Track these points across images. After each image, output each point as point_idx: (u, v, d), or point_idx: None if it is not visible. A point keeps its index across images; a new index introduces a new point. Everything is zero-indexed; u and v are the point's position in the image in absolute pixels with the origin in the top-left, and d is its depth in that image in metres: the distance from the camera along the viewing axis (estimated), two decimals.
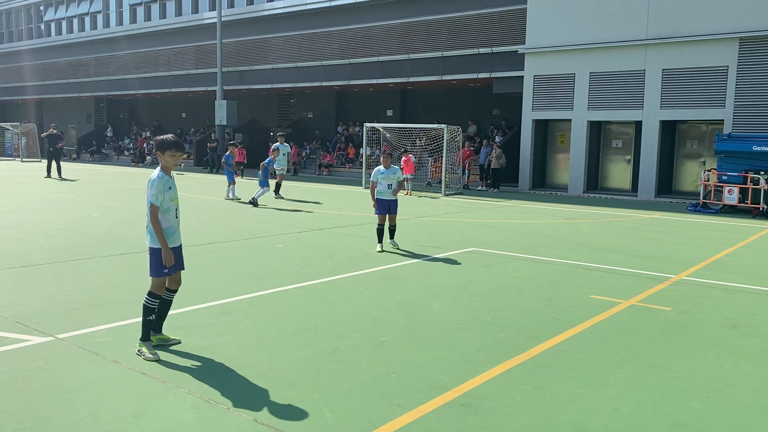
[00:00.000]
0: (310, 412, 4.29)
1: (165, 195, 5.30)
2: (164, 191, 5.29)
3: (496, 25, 25.12)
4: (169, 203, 5.33)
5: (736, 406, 4.54)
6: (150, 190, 5.25)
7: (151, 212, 5.24)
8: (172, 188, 5.37)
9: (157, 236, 5.25)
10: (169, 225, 5.34)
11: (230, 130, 33.23)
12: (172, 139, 5.37)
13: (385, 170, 10.48)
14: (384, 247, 10.40)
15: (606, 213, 17.10)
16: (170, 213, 5.35)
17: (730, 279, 8.81)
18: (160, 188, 5.25)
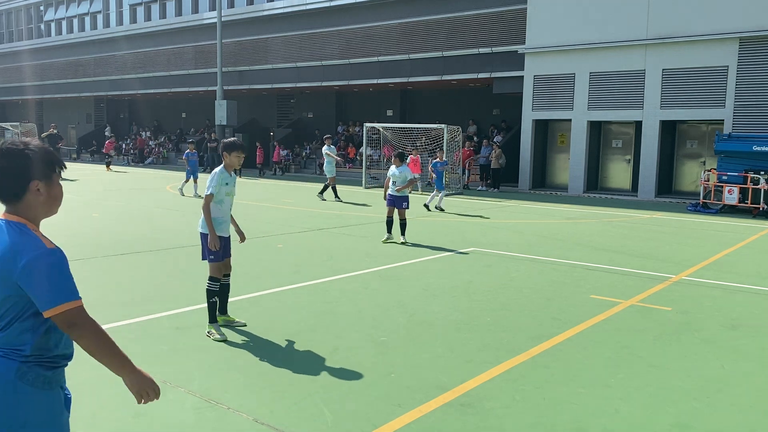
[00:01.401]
0: (310, 412, 4.28)
1: (221, 188, 5.98)
2: (221, 184, 5.98)
3: (496, 25, 25.11)
4: (224, 196, 6.02)
5: (736, 406, 4.54)
6: (209, 182, 5.95)
7: (205, 200, 5.93)
8: (229, 184, 6.06)
9: (207, 223, 5.89)
10: (218, 215, 5.97)
11: (230, 130, 33.23)
12: (239, 142, 6.17)
13: (395, 170, 11.41)
14: (391, 239, 11.28)
15: (606, 213, 17.11)
16: (223, 205, 6.02)
17: (730, 279, 8.81)
18: (219, 181, 5.95)
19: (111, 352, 2.31)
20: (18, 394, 2.22)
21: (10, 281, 2.21)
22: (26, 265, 2.18)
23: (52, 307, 2.19)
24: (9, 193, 2.28)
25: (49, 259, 2.22)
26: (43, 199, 2.33)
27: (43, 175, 2.30)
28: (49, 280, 2.19)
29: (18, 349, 2.25)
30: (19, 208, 2.30)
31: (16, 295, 2.23)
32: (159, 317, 6.39)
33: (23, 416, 2.23)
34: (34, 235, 2.27)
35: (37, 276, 2.18)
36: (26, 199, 2.29)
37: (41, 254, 2.21)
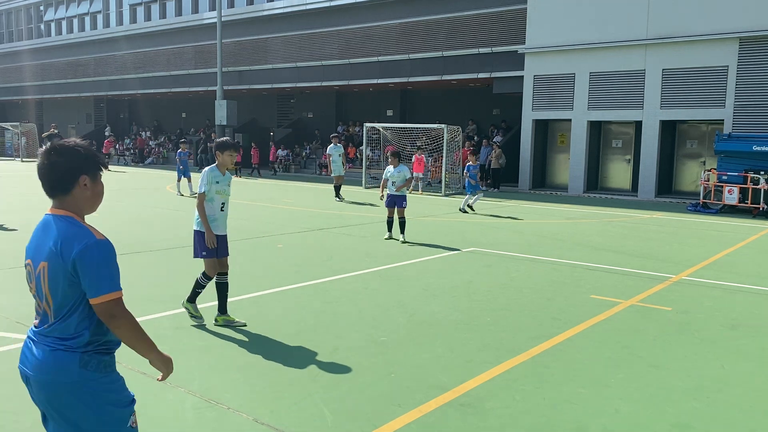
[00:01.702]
0: (310, 412, 4.29)
1: (212, 187, 6.07)
2: (212, 183, 6.07)
3: (496, 25, 25.11)
4: (214, 195, 6.10)
5: (736, 406, 4.54)
6: (200, 181, 6.07)
7: (198, 199, 6.04)
8: (220, 182, 6.12)
9: (202, 221, 6.00)
10: (211, 213, 6.07)
11: (230, 130, 33.24)
12: (231, 141, 6.28)
13: (392, 169, 11.53)
14: (392, 236, 11.51)
15: (606, 213, 17.11)
16: (214, 203, 6.10)
17: (730, 279, 8.81)
18: (208, 179, 6.06)
19: (142, 339, 2.52)
20: (87, 383, 2.41)
21: (66, 271, 2.36)
22: (79, 253, 2.34)
23: (97, 295, 2.37)
24: (59, 187, 2.44)
25: (98, 249, 2.38)
26: (89, 194, 2.50)
27: (90, 171, 2.48)
28: (97, 269, 2.36)
29: (77, 338, 2.42)
30: (66, 202, 2.46)
31: (73, 284, 2.38)
32: (159, 317, 6.39)
33: (96, 402, 2.43)
34: (84, 226, 2.44)
35: (87, 264, 2.35)
36: (74, 193, 2.45)
37: (92, 244, 2.37)
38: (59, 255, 2.37)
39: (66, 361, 2.39)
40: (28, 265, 2.52)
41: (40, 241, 2.47)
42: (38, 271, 2.44)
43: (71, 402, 2.39)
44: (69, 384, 2.38)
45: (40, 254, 2.44)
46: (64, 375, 2.39)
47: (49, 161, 2.43)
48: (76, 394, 2.39)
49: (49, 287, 2.41)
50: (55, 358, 2.40)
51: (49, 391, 2.41)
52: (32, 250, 2.50)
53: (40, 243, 2.46)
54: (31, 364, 2.46)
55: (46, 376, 2.41)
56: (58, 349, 2.41)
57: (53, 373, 2.40)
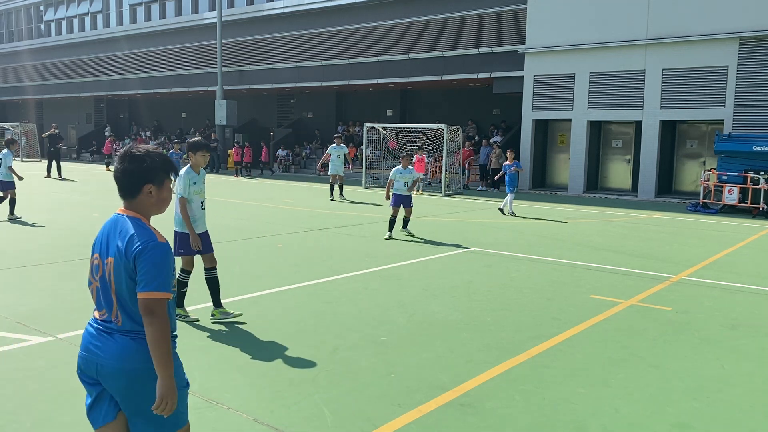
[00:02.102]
0: (310, 412, 4.29)
1: (190, 188, 6.17)
2: (189, 185, 6.16)
3: (496, 25, 25.12)
4: (192, 196, 6.20)
5: (736, 406, 4.54)
6: (177, 184, 6.05)
7: (179, 203, 6.11)
8: (197, 183, 6.23)
9: (186, 224, 6.14)
10: (191, 214, 6.19)
11: (230, 130, 33.24)
12: (204, 141, 6.37)
13: (403, 170, 11.86)
14: (393, 236, 11.62)
15: (606, 213, 17.11)
16: (194, 204, 6.21)
17: (730, 279, 8.81)
18: (186, 182, 6.14)
19: (165, 351, 2.54)
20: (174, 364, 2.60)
21: (128, 267, 2.58)
22: (139, 251, 2.55)
23: (144, 291, 2.53)
24: (128, 191, 2.68)
25: (156, 250, 2.57)
26: (154, 201, 2.71)
27: (157, 180, 2.69)
28: (151, 268, 2.54)
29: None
30: (133, 204, 2.69)
31: (134, 280, 2.58)
32: None
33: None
34: (149, 228, 2.65)
35: (144, 262, 2.54)
36: (139, 198, 2.68)
37: (152, 245, 2.57)
38: (123, 252, 2.57)
39: (142, 348, 2.58)
40: (95, 259, 2.71)
41: (108, 239, 2.66)
42: (106, 267, 2.64)
43: (144, 385, 2.57)
44: (147, 369, 2.56)
45: (108, 251, 2.64)
46: (144, 362, 2.56)
47: (122, 167, 2.66)
48: (150, 378, 2.56)
49: (114, 282, 2.61)
50: (136, 346, 2.59)
51: (127, 377, 2.58)
52: (100, 246, 2.69)
53: (109, 240, 2.66)
54: (105, 352, 2.60)
55: (125, 363, 2.58)
56: (137, 338, 2.60)
57: (134, 360, 2.58)
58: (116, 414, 2.66)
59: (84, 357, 2.69)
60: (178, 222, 6.27)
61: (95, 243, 2.74)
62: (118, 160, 2.70)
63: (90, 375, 2.67)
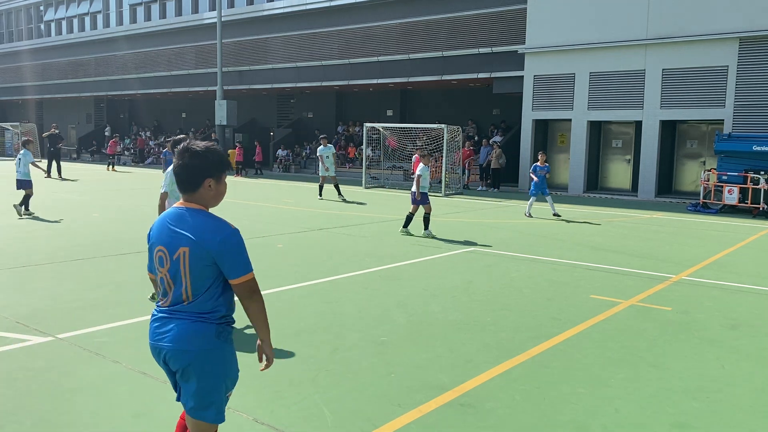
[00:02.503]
0: (310, 412, 4.29)
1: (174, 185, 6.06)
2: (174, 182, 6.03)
3: (496, 25, 25.12)
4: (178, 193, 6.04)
5: (736, 406, 4.54)
6: (164, 180, 6.39)
7: (160, 198, 6.38)
8: None
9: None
10: None
11: (230, 130, 33.24)
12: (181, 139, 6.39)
13: (426, 168, 12.16)
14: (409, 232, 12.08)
15: (606, 213, 17.10)
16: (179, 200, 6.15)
17: (730, 279, 8.81)
18: (172, 179, 6.06)
19: (265, 319, 2.89)
20: (218, 351, 2.82)
21: (208, 255, 2.74)
22: (221, 241, 2.73)
23: (240, 276, 2.77)
24: (189, 185, 2.84)
25: (236, 237, 2.77)
26: (213, 193, 2.88)
27: (216, 174, 2.85)
28: (236, 254, 2.75)
29: (214, 312, 2.82)
30: (194, 197, 2.86)
31: (209, 267, 2.75)
32: None
33: (223, 369, 2.86)
34: (218, 218, 2.81)
35: (228, 251, 2.73)
36: (200, 192, 2.85)
37: (231, 233, 2.76)
38: (199, 242, 2.73)
39: (205, 331, 2.79)
40: (159, 251, 2.83)
41: (174, 230, 2.80)
42: (176, 256, 2.77)
43: (203, 366, 2.78)
44: (205, 351, 2.78)
45: (178, 241, 2.77)
46: (203, 343, 2.78)
47: (183, 162, 2.83)
48: (208, 359, 2.79)
49: (190, 270, 2.75)
50: (195, 329, 2.78)
51: (187, 358, 2.77)
52: (165, 237, 2.82)
53: (176, 232, 2.79)
54: (169, 336, 2.79)
55: (187, 345, 2.77)
56: (198, 321, 2.79)
57: (194, 342, 2.77)
58: None
59: (151, 345, 2.88)
60: None
61: (156, 236, 2.88)
62: (178, 157, 2.86)
63: (158, 360, 2.88)
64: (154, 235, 2.90)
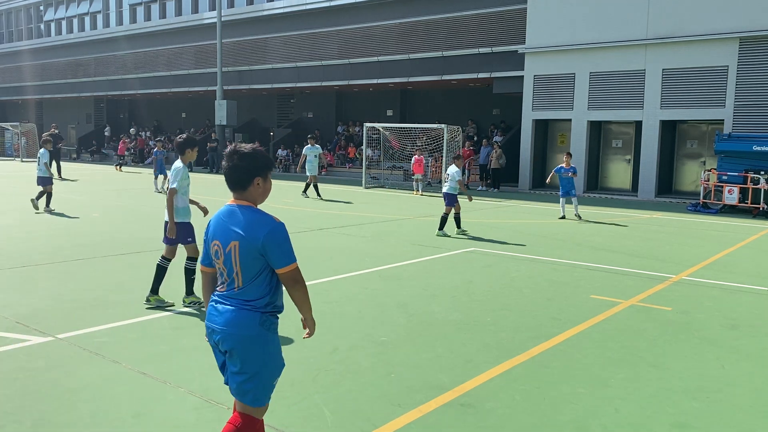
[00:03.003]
0: (310, 412, 4.28)
1: (184, 182, 6.73)
2: (185, 178, 6.72)
3: (496, 25, 25.11)
4: (186, 188, 6.80)
5: (736, 406, 4.54)
6: (173, 177, 6.62)
7: (169, 194, 6.58)
8: (188, 177, 6.85)
9: (169, 214, 6.60)
10: (185, 205, 6.78)
11: (230, 130, 33.24)
12: (192, 137, 6.85)
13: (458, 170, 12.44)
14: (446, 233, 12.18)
15: (606, 213, 17.10)
16: (186, 195, 6.82)
17: (730, 279, 8.81)
18: (183, 176, 6.68)
19: (308, 303, 3.13)
20: (261, 338, 3.04)
21: (255, 248, 2.98)
22: (267, 234, 2.97)
23: (285, 266, 3.00)
24: (239, 184, 3.09)
25: (281, 230, 3.02)
26: (261, 191, 3.15)
27: (263, 173, 3.12)
28: (281, 246, 2.99)
29: (260, 300, 3.04)
30: (244, 195, 3.11)
31: (257, 258, 3.00)
32: (159, 317, 6.39)
33: (264, 357, 3.06)
34: (265, 213, 3.06)
35: (273, 243, 2.97)
36: (250, 189, 3.11)
37: (276, 227, 3.01)
38: (248, 236, 2.98)
39: (250, 318, 3.03)
40: (215, 244, 3.11)
41: (226, 225, 3.06)
42: (228, 249, 3.03)
43: (246, 351, 3.02)
44: (249, 337, 3.02)
45: (229, 235, 3.04)
46: (247, 329, 3.02)
47: (232, 164, 3.07)
48: (251, 345, 3.03)
49: (240, 261, 3.00)
50: (240, 315, 3.02)
51: (233, 341, 3.02)
52: (219, 232, 3.09)
53: (228, 228, 3.05)
54: (219, 320, 3.06)
55: (233, 329, 3.02)
56: (244, 308, 3.03)
57: (239, 327, 3.01)
58: None
59: (207, 326, 3.15)
60: (179, 214, 6.73)
61: (211, 231, 3.16)
62: (227, 158, 3.10)
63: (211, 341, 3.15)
64: (211, 230, 3.17)
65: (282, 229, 3.02)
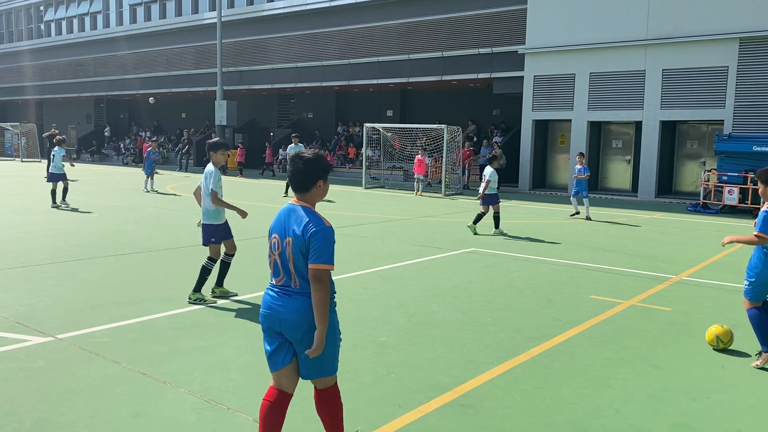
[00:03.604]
0: (310, 412, 4.28)
1: (219, 182, 6.87)
2: (219, 179, 6.86)
3: (496, 25, 25.12)
4: (221, 190, 6.93)
5: (736, 406, 4.54)
6: (209, 180, 6.77)
7: (212, 196, 6.77)
8: (221, 179, 6.95)
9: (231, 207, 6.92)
10: (214, 207, 6.91)
11: (230, 130, 33.24)
12: (223, 141, 7.05)
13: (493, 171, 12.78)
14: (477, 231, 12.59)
15: (606, 213, 17.10)
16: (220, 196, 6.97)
17: (730, 279, 8.81)
18: (217, 177, 6.81)
19: (325, 311, 3.25)
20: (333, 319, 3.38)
21: (303, 245, 3.28)
22: (314, 233, 3.26)
23: (314, 263, 3.23)
24: (302, 186, 3.39)
25: (325, 232, 3.28)
26: (321, 193, 3.45)
27: (324, 176, 3.42)
28: (321, 246, 3.24)
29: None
30: (305, 196, 3.41)
31: (306, 255, 3.27)
32: (159, 317, 6.39)
33: (333, 335, 3.39)
34: (318, 214, 3.36)
35: (316, 241, 3.24)
36: (312, 191, 3.41)
37: (323, 228, 3.28)
38: (300, 234, 3.28)
39: None
40: (273, 238, 3.40)
41: (286, 222, 3.37)
42: (285, 244, 3.34)
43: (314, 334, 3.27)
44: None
45: (287, 232, 3.34)
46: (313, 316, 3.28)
47: (296, 168, 3.37)
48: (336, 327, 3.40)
49: (293, 256, 3.30)
50: (308, 304, 3.29)
51: (305, 328, 3.30)
52: (278, 228, 3.39)
53: (287, 224, 3.36)
54: (285, 309, 3.32)
55: (303, 318, 3.29)
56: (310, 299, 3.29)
57: (308, 315, 3.28)
58: (291, 359, 3.41)
59: (267, 315, 3.39)
60: (208, 215, 6.93)
61: (273, 226, 3.45)
62: (291, 163, 3.41)
63: (273, 329, 3.39)
64: (273, 225, 3.47)
65: (329, 232, 3.29)
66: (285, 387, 3.45)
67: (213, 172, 6.82)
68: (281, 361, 3.41)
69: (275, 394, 3.44)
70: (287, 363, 3.41)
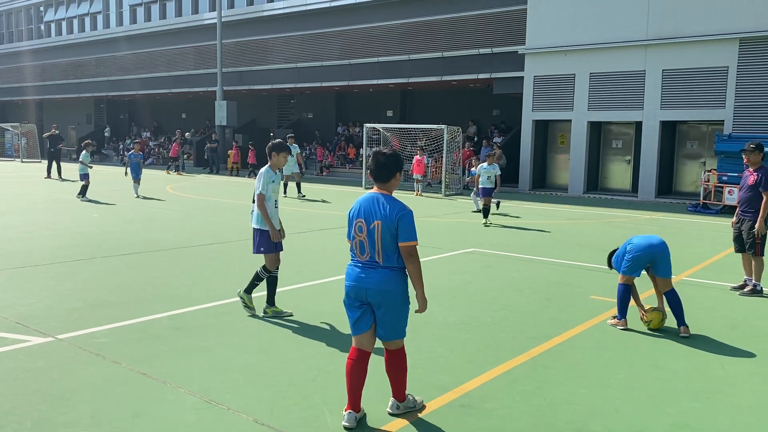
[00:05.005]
0: (310, 412, 4.29)
1: (269, 186, 6.41)
2: (268, 183, 6.40)
3: (497, 25, 25.12)
4: (271, 193, 6.46)
5: (736, 406, 4.54)
6: (257, 182, 6.38)
7: (258, 200, 6.34)
8: (275, 182, 6.49)
9: (266, 220, 6.35)
10: (269, 211, 6.40)
11: (230, 130, 33.24)
12: (285, 143, 6.59)
13: (488, 166, 14.22)
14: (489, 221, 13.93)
15: (606, 213, 17.10)
16: (270, 202, 6.45)
17: (730, 279, 8.81)
18: (266, 180, 6.36)
19: (421, 276, 4.04)
20: (405, 287, 4.08)
21: (391, 227, 3.96)
22: (401, 216, 3.97)
23: (406, 241, 3.97)
24: (383, 178, 4.12)
25: (409, 215, 4.00)
26: (396, 183, 4.18)
27: (401, 169, 4.17)
28: (408, 226, 3.97)
29: (401, 265, 4.04)
30: (386, 186, 4.13)
31: (393, 235, 3.97)
32: (159, 317, 6.39)
33: (407, 299, 4.11)
34: (399, 200, 4.07)
35: (403, 223, 3.96)
36: (390, 182, 4.14)
37: (408, 212, 4.00)
38: (388, 217, 3.96)
39: (399, 278, 4.04)
40: (358, 222, 4.06)
41: (370, 208, 4.03)
42: (372, 226, 3.99)
43: (396, 299, 4.04)
44: (398, 290, 4.03)
45: (373, 216, 4.01)
46: (397, 285, 4.03)
47: (378, 162, 4.10)
48: (400, 295, 4.05)
49: (381, 237, 3.97)
50: (393, 275, 4.02)
51: (386, 295, 4.01)
52: (364, 213, 4.05)
53: (371, 209, 4.02)
54: (371, 280, 4.01)
55: (387, 286, 4.00)
56: (394, 270, 4.02)
57: (390, 284, 4.00)
58: (371, 324, 4.10)
59: (353, 286, 4.07)
60: (257, 219, 6.45)
61: (355, 211, 4.10)
62: (373, 158, 4.11)
63: (358, 299, 4.07)
64: (355, 212, 4.11)
65: (411, 214, 3.99)
66: (366, 347, 4.12)
67: (263, 174, 6.34)
68: (365, 326, 4.09)
69: (358, 353, 4.11)
70: (368, 328, 4.09)
